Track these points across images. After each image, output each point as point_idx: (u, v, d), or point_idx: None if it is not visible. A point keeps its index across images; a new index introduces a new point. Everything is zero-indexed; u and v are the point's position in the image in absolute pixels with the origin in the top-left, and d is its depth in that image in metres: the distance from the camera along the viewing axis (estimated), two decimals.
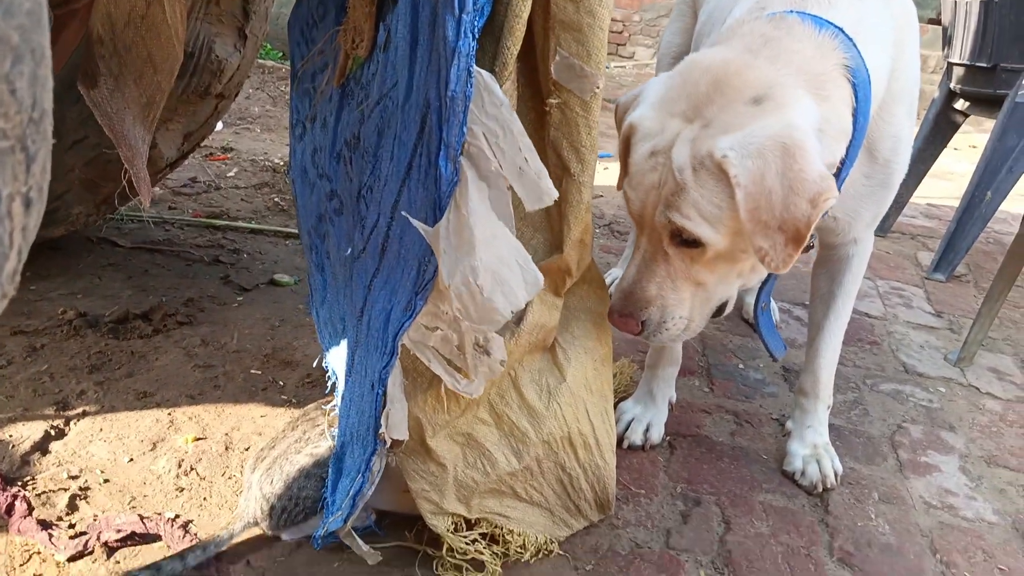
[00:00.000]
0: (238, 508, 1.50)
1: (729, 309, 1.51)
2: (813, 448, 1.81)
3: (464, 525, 1.45)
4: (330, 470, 1.42)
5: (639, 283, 1.41)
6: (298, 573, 1.41)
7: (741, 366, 2.31)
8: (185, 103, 2.33)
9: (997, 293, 2.37)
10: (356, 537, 1.39)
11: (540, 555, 1.49)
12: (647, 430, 1.87)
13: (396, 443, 1.37)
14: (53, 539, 1.41)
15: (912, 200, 3.77)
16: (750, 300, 2.57)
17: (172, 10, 1.59)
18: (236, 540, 1.45)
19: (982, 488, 1.84)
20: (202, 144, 3.78)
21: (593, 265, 1.54)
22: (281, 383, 1.98)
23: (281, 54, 6.76)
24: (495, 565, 1.43)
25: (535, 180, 1.10)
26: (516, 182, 1.11)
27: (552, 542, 1.50)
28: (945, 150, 3.66)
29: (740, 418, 2.04)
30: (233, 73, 2.38)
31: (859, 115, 1.36)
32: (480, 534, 1.45)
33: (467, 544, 1.42)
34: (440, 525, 1.41)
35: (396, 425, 1.26)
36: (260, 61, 5.44)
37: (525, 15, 1.19)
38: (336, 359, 1.48)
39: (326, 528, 1.36)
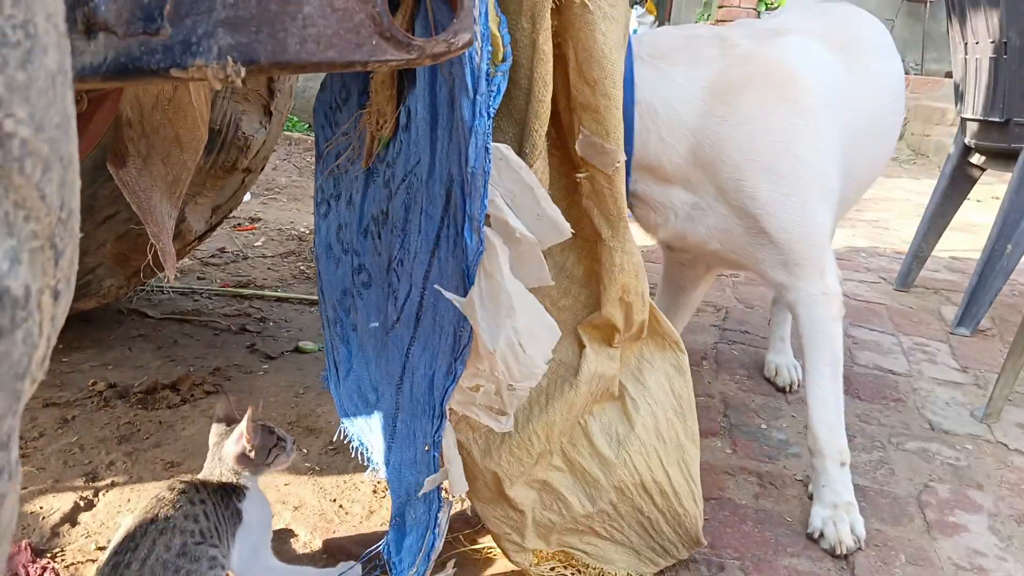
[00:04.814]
0: None
1: None
2: (833, 508, 1.78)
3: (543, 556, 1.57)
4: (391, 530, 1.48)
5: None
6: None
7: (764, 426, 2.30)
8: (213, 178, 2.41)
9: (1021, 347, 2.35)
10: None
11: None
12: None
13: (473, 495, 1.47)
14: None
15: (934, 253, 3.76)
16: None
17: (197, 93, 1.66)
18: None
19: (1012, 548, 1.80)
20: (230, 215, 3.90)
21: (660, 319, 1.60)
22: (305, 450, 2.00)
23: (307, 126, 6.94)
24: None
25: (552, 222, 1.21)
26: (536, 226, 1.20)
27: None
28: (967, 202, 3.66)
29: (763, 480, 2.02)
30: (259, 148, 2.47)
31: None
32: (558, 560, 1.56)
33: (548, 572, 1.53)
34: (523, 561, 1.52)
35: (456, 481, 1.34)
36: (286, 133, 5.59)
37: (548, 99, 1.28)
38: (367, 428, 1.56)
39: None
